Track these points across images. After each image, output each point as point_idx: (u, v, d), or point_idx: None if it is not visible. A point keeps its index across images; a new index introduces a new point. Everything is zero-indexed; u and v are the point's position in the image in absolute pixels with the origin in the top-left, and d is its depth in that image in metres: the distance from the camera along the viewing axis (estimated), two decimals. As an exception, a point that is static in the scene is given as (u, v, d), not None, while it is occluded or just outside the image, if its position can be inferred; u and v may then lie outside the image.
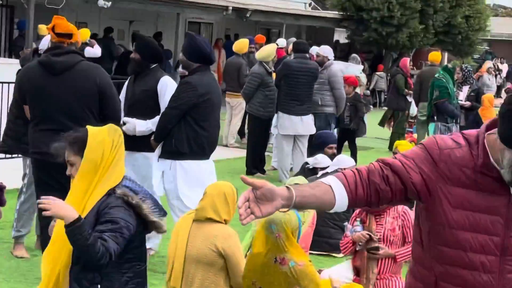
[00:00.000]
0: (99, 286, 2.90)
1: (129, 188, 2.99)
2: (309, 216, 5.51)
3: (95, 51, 12.67)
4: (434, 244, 2.17)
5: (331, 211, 2.05)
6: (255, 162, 10.91)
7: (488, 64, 22.03)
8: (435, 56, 14.36)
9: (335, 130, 11.57)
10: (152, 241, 6.34)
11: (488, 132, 2.01)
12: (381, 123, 14.54)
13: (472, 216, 2.04)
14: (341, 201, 1.95)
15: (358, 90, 12.79)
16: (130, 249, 2.97)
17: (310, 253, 5.95)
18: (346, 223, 5.81)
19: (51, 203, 2.64)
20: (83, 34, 6.30)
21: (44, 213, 2.74)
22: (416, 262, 2.37)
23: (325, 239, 7.13)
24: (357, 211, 5.50)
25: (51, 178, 5.43)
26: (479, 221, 2.05)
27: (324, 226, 6.89)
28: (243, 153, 11.43)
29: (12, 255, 6.26)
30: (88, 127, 3.10)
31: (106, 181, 2.97)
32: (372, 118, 14.65)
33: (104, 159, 2.97)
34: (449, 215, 2.05)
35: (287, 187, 1.87)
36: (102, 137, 3.03)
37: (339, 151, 10.42)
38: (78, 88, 5.48)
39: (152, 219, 2.99)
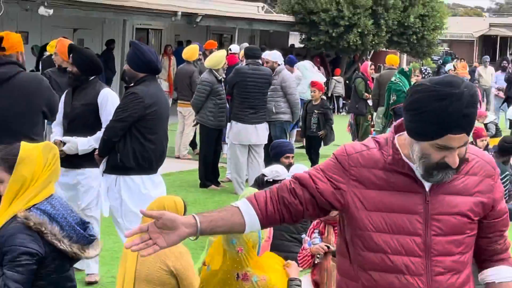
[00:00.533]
0: None
1: (43, 211, 2.97)
2: (266, 231, 5.08)
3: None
4: (357, 251, 2.17)
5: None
6: (208, 174, 10.72)
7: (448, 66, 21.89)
8: (392, 59, 14.52)
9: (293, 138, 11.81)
10: (91, 266, 6.31)
11: (399, 134, 2.06)
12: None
13: (388, 217, 2.07)
14: (251, 221, 2.01)
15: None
16: (43, 276, 2.96)
17: (268, 268, 5.80)
18: (303, 236, 5.69)
19: None
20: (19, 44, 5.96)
21: None
22: (342, 276, 2.36)
23: (283, 253, 7.15)
24: (314, 222, 5.34)
25: None
26: (397, 221, 2.08)
27: (281, 240, 6.55)
28: (196, 165, 11.21)
29: None
30: (22, 143, 3.10)
31: (20, 202, 2.98)
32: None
33: (34, 178, 2.99)
34: (366, 218, 2.08)
35: (193, 215, 1.92)
36: (35, 155, 3.03)
37: (310, 160, 10.90)
38: (13, 99, 5.51)
39: (58, 246, 2.95)
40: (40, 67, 10.20)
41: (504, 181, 7.49)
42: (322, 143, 11.60)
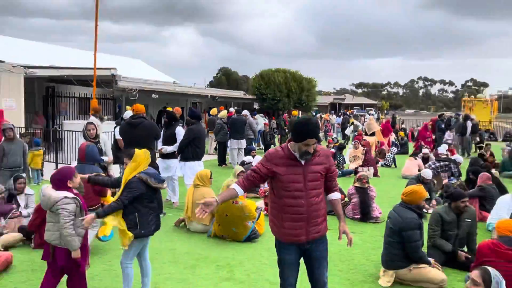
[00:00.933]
0: (136, 214, 3.82)
1: (144, 173, 3.90)
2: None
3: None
4: (278, 192, 3.11)
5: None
6: (221, 161, 13.38)
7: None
8: (294, 113, 19.41)
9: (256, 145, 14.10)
10: (173, 197, 7.85)
11: (291, 142, 3.01)
12: None
13: (290, 176, 3.02)
14: (239, 191, 3.06)
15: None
16: (145, 198, 3.85)
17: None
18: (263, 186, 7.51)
19: None
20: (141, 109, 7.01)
21: None
22: (271, 203, 3.29)
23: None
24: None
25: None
26: (293, 177, 3.03)
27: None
28: (215, 157, 13.91)
29: None
30: (136, 149, 4.02)
31: (135, 172, 3.90)
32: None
33: (140, 162, 3.97)
34: (282, 178, 3.03)
35: (215, 199, 2.95)
36: (141, 153, 4.01)
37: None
38: (143, 134, 6.63)
39: (151, 185, 3.88)
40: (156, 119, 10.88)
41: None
42: (271, 147, 12.64)
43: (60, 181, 3.64)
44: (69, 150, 11.51)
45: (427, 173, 8.27)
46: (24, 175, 6.83)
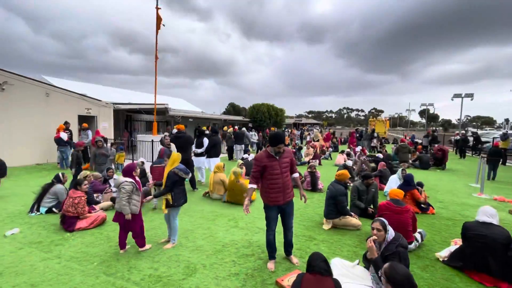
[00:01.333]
0: (172, 194, 3.59)
1: (177, 168, 3.62)
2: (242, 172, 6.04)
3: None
4: (265, 176, 3.09)
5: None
6: (230, 157, 12.46)
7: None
8: (273, 129, 18.43)
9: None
10: (202, 178, 7.37)
11: (269, 147, 3.05)
12: None
13: (271, 167, 3.04)
14: (254, 186, 3.04)
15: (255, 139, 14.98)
16: (178, 183, 3.62)
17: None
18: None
19: None
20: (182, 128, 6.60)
21: None
22: (262, 184, 3.13)
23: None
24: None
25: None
26: (273, 168, 3.06)
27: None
28: (226, 155, 12.84)
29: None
30: (173, 152, 3.85)
31: (172, 167, 3.65)
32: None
33: (176, 160, 3.70)
34: (267, 168, 3.03)
35: (247, 198, 2.93)
36: (174, 155, 3.72)
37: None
38: (184, 142, 6.44)
39: (181, 175, 3.59)
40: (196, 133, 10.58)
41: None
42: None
43: (126, 172, 3.56)
44: (140, 152, 10.95)
45: (349, 163, 8.16)
46: (113, 166, 6.68)
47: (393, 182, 6.45)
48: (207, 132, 8.35)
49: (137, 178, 3.63)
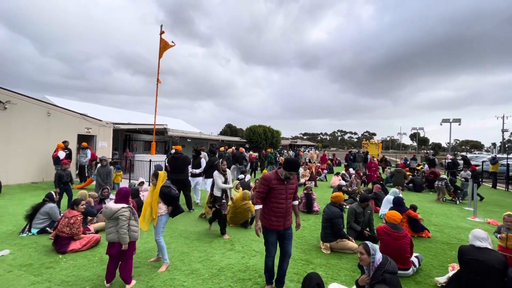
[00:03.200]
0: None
1: (164, 185, 3.55)
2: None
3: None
4: (270, 199, 3.01)
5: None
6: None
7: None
8: (268, 150, 18.30)
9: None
10: (198, 200, 7.17)
11: (281, 169, 2.94)
12: None
13: (278, 191, 2.96)
14: (260, 206, 2.97)
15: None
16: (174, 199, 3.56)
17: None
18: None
19: None
20: (179, 148, 6.66)
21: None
22: (264, 208, 3.03)
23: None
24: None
25: (175, 184, 5.02)
26: (280, 192, 2.97)
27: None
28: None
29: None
30: (158, 171, 3.57)
31: (161, 183, 3.54)
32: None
33: (162, 178, 3.62)
34: (274, 190, 2.96)
35: (258, 221, 2.88)
36: (161, 174, 3.65)
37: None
38: (182, 163, 6.40)
39: (172, 192, 3.56)
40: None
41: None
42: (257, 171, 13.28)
43: (121, 198, 3.31)
44: (138, 172, 11.01)
45: (343, 183, 8.22)
46: (108, 186, 6.53)
47: (388, 204, 6.38)
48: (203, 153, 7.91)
49: (131, 200, 3.57)
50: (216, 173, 4.92)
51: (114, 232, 3.18)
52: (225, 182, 4.93)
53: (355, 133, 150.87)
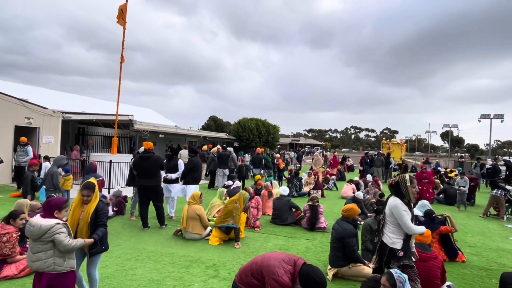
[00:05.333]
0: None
1: (102, 196, 3.90)
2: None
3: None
4: None
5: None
6: (210, 185, 13.01)
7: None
8: (261, 149, 16.14)
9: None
10: (172, 212, 7.59)
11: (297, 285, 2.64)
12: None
13: None
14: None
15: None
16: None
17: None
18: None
19: None
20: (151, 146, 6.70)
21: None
22: None
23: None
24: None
25: (142, 192, 6.48)
26: None
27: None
28: (206, 181, 13.54)
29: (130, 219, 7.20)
30: (90, 181, 3.37)
31: (97, 198, 3.33)
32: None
33: (96, 191, 3.36)
34: None
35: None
36: (95, 184, 3.38)
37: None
38: (152, 165, 6.47)
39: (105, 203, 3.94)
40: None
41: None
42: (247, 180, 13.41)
43: (49, 209, 2.96)
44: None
45: (359, 195, 8.28)
46: (55, 194, 6.51)
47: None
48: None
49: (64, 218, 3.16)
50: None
51: (43, 259, 2.85)
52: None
53: (373, 131, 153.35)
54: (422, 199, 7.92)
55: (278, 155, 16.59)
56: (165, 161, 7.27)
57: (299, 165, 23.43)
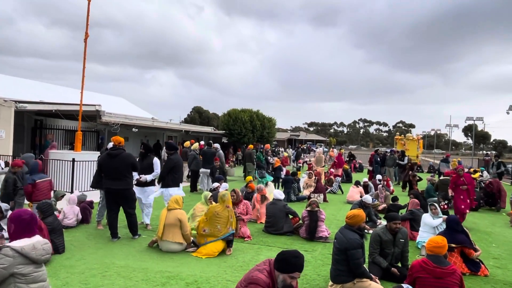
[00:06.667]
0: None
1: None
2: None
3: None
4: None
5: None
6: (192, 187, 13.32)
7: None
8: (251, 146, 18.10)
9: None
10: (147, 220, 7.71)
11: (276, 272, 2.91)
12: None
13: None
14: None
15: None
16: None
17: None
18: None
19: None
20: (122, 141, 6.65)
21: None
22: None
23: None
24: None
25: (110, 197, 6.55)
26: None
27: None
28: (187, 183, 13.55)
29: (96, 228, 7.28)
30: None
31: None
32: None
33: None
34: None
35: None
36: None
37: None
38: (121, 164, 6.50)
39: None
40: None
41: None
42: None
43: (21, 230, 2.90)
44: (55, 177, 10.95)
45: (367, 199, 8.38)
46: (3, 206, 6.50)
47: (429, 228, 6.60)
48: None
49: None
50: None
51: None
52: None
53: (385, 124, 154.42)
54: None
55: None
56: (138, 160, 7.28)
57: (300, 164, 23.49)
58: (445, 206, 8.91)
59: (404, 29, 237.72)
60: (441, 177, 12.22)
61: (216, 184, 9.88)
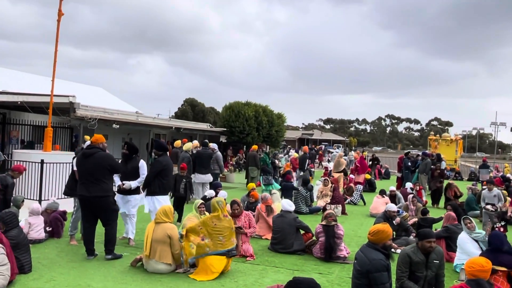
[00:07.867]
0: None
1: None
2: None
3: None
4: None
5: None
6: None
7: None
8: (255, 147, 18.04)
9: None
10: (131, 234, 7.82)
11: None
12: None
13: None
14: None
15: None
16: None
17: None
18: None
19: None
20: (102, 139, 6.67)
21: None
22: None
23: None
24: None
25: (85, 206, 6.61)
26: None
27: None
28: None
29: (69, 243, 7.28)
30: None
31: None
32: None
33: None
34: None
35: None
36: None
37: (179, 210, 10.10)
38: (97, 167, 6.49)
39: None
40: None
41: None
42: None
43: None
44: (19, 182, 10.73)
45: (391, 207, 8.40)
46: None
47: (468, 246, 6.54)
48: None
49: None
50: None
51: None
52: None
53: (417, 122, 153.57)
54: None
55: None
56: (121, 163, 7.34)
57: (312, 169, 23.42)
58: (502, 229, 8.79)
59: (442, 7, 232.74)
60: (483, 186, 12.08)
61: (212, 192, 9.86)
